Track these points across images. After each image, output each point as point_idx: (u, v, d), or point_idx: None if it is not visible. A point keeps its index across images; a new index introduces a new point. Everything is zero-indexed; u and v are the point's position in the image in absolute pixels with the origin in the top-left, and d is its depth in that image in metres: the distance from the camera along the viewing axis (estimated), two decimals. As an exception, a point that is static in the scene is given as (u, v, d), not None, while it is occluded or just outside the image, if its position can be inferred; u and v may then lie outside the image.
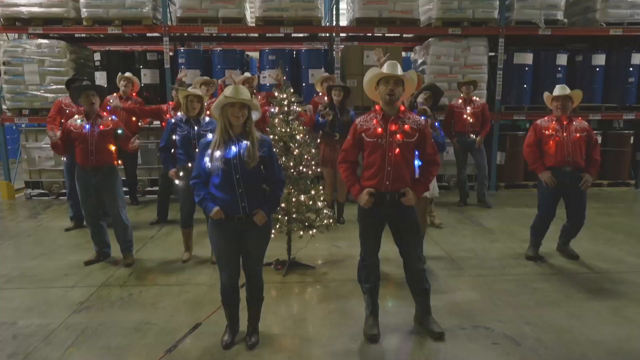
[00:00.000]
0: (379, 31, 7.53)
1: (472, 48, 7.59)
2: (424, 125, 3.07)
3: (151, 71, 7.65)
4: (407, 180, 3.02)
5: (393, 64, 2.95)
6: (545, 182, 4.39)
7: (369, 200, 3.00)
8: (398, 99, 3.01)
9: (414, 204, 3.04)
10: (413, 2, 7.44)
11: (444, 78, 7.63)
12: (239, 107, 2.76)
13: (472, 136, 6.58)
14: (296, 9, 7.30)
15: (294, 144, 4.09)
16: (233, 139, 2.82)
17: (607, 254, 4.80)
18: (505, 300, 3.69)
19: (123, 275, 4.28)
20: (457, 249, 4.97)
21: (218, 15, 7.34)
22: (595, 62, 7.95)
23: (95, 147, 4.19)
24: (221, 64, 7.63)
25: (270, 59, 7.60)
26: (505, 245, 5.09)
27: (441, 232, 5.59)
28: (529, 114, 7.90)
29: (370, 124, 3.05)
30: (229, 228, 2.87)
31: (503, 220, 6.11)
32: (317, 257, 4.68)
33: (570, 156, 4.30)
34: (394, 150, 2.97)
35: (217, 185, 2.84)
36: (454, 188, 7.64)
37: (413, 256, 3.09)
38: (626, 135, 8.19)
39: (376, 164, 3.00)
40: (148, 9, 7.27)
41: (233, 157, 2.80)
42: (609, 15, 7.67)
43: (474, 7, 7.43)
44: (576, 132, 4.34)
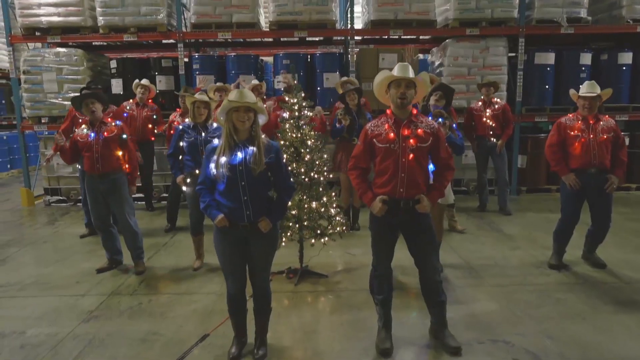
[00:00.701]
0: (394, 33, 7.39)
1: (491, 48, 7.38)
2: (437, 129, 2.95)
3: (166, 77, 7.68)
4: (421, 187, 2.90)
5: (404, 66, 2.84)
6: (569, 185, 4.18)
7: (383, 208, 2.88)
8: (410, 102, 2.89)
9: (429, 211, 2.91)
10: (429, 2, 7.28)
11: (462, 80, 7.44)
12: (244, 111, 2.68)
13: (493, 140, 6.37)
14: (310, 13, 7.23)
15: (305, 150, 4.00)
16: (239, 145, 2.75)
17: (636, 262, 4.55)
18: (526, 312, 3.51)
19: (134, 283, 4.25)
20: (475, 256, 4.79)
21: (232, 20, 7.32)
22: (622, 61, 7.64)
23: (101, 154, 4.18)
24: (235, 69, 7.60)
25: (285, 63, 7.52)
26: (527, 252, 4.88)
27: (460, 238, 5.41)
28: (551, 116, 7.63)
29: (382, 129, 2.93)
30: (233, 236, 2.79)
31: (525, 226, 5.88)
32: (331, 265, 4.57)
33: (596, 158, 4.09)
34: (407, 155, 2.85)
35: (222, 192, 2.77)
36: (474, 193, 7.43)
37: (429, 266, 2.96)
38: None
39: (389, 171, 2.88)
40: (163, 15, 7.30)
41: (239, 164, 2.72)
42: (636, 12, 7.36)
43: (492, 6, 7.22)
44: (603, 133, 4.12)
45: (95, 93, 4.40)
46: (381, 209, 2.88)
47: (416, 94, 2.92)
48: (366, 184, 3.02)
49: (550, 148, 4.30)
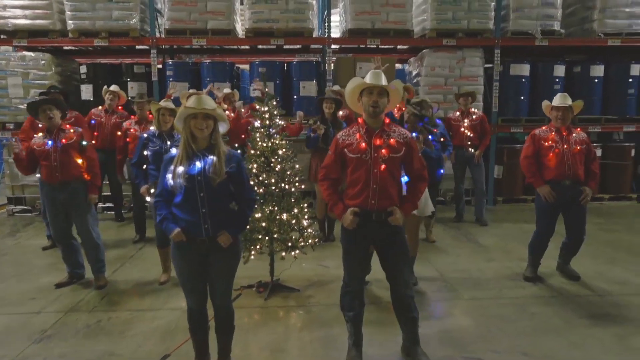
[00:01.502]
0: (372, 42, 7.36)
1: (468, 59, 7.41)
2: (410, 139, 2.85)
3: (138, 84, 7.46)
4: (394, 198, 2.80)
5: (376, 73, 2.75)
6: (544, 197, 4.15)
7: (354, 220, 2.77)
8: (382, 110, 2.80)
9: (401, 223, 2.81)
10: (406, 12, 7.27)
11: (439, 90, 7.44)
12: (202, 118, 2.54)
13: (471, 150, 6.34)
14: (287, 20, 7.14)
15: (275, 159, 3.87)
16: (197, 154, 2.60)
17: (610, 274, 4.54)
18: (501, 327, 3.42)
19: (94, 299, 4.02)
20: (451, 269, 4.71)
21: (207, 27, 7.18)
22: (594, 74, 7.75)
23: (59, 162, 3.96)
24: (210, 76, 7.44)
25: (261, 71, 7.40)
26: (502, 264, 4.82)
27: (435, 250, 5.33)
28: (527, 126, 7.68)
29: (353, 138, 2.83)
30: (192, 251, 2.63)
31: (500, 237, 5.85)
32: (303, 279, 4.42)
33: (570, 169, 4.07)
34: (379, 166, 2.75)
35: (179, 204, 2.61)
36: (451, 203, 7.40)
37: (400, 281, 2.84)
38: (627, 148, 7.95)
39: (361, 182, 2.77)
40: (135, 20, 7.12)
41: (197, 174, 2.57)
42: (607, 26, 7.50)
43: (468, 17, 7.26)
44: (576, 144, 4.12)
45: (53, 99, 4.20)
46: (352, 222, 2.77)
47: (389, 102, 2.83)
48: (337, 195, 2.91)
49: (525, 160, 4.27)
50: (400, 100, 2.95)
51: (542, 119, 7.62)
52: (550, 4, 7.39)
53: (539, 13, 7.36)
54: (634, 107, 7.86)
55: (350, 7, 7.25)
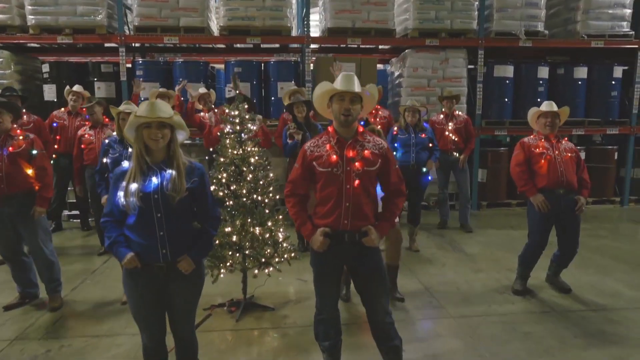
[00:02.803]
0: (352, 42, 7.08)
1: (451, 60, 7.20)
2: (386, 150, 2.56)
3: (106, 84, 7.03)
4: (369, 217, 2.50)
5: (348, 77, 2.44)
6: (537, 207, 3.92)
7: (324, 242, 2.47)
8: (356, 118, 2.49)
9: (377, 244, 2.52)
10: (388, 11, 7.02)
11: (422, 91, 7.21)
12: (157, 128, 2.21)
13: (455, 154, 6.10)
14: (264, 18, 6.81)
15: (247, 168, 3.54)
16: (153, 168, 2.26)
17: (601, 285, 4.34)
18: (492, 351, 3.17)
19: (46, 323, 3.63)
20: (437, 281, 4.45)
21: (179, 24, 6.80)
22: (577, 75, 7.64)
23: (5, 172, 3.55)
24: (183, 76, 6.99)
25: (237, 71, 7.05)
26: (490, 276, 4.59)
27: (419, 260, 5.07)
28: (511, 129, 7.53)
29: (323, 149, 2.52)
30: (147, 279, 2.29)
31: (486, 244, 5.63)
32: (279, 295, 4.11)
33: (563, 176, 3.86)
34: (352, 181, 2.45)
35: (132, 226, 2.27)
36: (434, 208, 7.17)
37: (378, 307, 2.55)
38: (610, 151, 7.87)
39: (332, 199, 2.47)
40: (102, 16, 6.69)
41: (153, 191, 2.24)
42: (590, 27, 7.39)
43: (451, 17, 7.04)
44: (566, 152, 3.92)
45: (3, 102, 3.78)
46: (322, 244, 2.47)
47: (362, 108, 2.54)
48: (305, 213, 2.61)
49: (518, 167, 4.01)
50: (374, 105, 2.65)
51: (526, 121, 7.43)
52: (534, 4, 7.24)
53: (523, 13, 7.21)
54: (617, 110, 7.77)
55: (330, 5, 6.96)
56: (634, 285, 4.33)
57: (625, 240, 5.94)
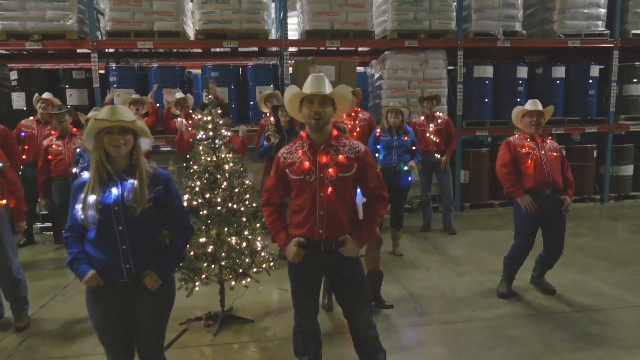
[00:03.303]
0: (331, 44, 6.99)
1: (431, 61, 7.16)
2: (364, 153, 2.45)
3: (78, 91, 6.81)
4: (345, 226, 2.40)
5: (317, 78, 2.34)
6: (525, 208, 3.85)
7: (298, 252, 2.36)
8: (328, 122, 2.39)
9: (356, 254, 2.41)
10: (366, 13, 6.96)
11: (402, 93, 7.15)
12: (118, 133, 2.07)
13: (437, 156, 6.05)
14: (240, 22, 6.68)
15: (222, 176, 3.40)
16: (114, 178, 2.12)
17: (584, 284, 4.31)
18: (477, 357, 3.09)
19: (11, 344, 3.42)
20: (420, 286, 4.37)
21: (153, 28, 6.63)
22: (555, 75, 7.67)
23: None
24: (159, 82, 6.84)
25: (214, 75, 6.91)
26: (474, 279, 4.52)
27: (403, 264, 4.99)
28: (492, 129, 7.53)
29: (295, 156, 2.42)
30: (110, 297, 2.15)
31: (470, 246, 5.57)
32: (259, 305, 3.97)
33: (550, 176, 3.81)
34: (325, 189, 2.34)
35: (93, 240, 2.13)
36: (417, 210, 7.10)
37: (360, 320, 2.44)
38: (589, 149, 7.92)
39: (305, 207, 2.37)
40: (72, 21, 6.48)
41: (114, 203, 2.09)
42: (566, 27, 7.43)
43: (430, 18, 7.01)
44: (552, 151, 3.88)
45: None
46: (297, 254, 2.36)
47: (336, 110, 2.43)
48: (281, 223, 2.50)
49: (504, 168, 3.93)
50: (349, 106, 2.55)
51: (506, 121, 7.48)
52: (511, 4, 7.26)
53: (501, 14, 7.21)
54: (595, 108, 7.83)
55: (308, 8, 6.87)
56: (616, 283, 4.31)
57: (606, 238, 5.95)
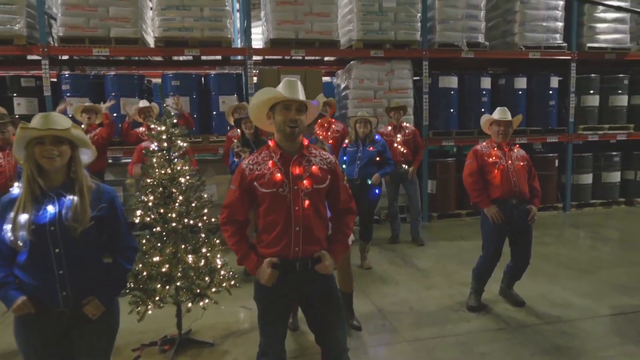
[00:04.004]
0: (296, 53, 6.87)
1: (396, 71, 7.15)
2: (334, 164, 2.31)
3: (27, 100, 6.42)
4: (321, 240, 2.24)
5: (292, 83, 2.17)
6: (491, 218, 3.80)
7: (273, 274, 2.16)
8: (302, 130, 2.24)
9: (332, 271, 2.25)
10: (332, 22, 6.89)
11: (368, 103, 7.09)
12: (51, 143, 1.85)
13: (404, 166, 5.98)
14: (202, 29, 6.47)
15: (177, 189, 3.18)
16: (49, 195, 1.89)
17: (552, 295, 4.29)
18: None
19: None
20: (389, 301, 4.24)
21: (110, 35, 6.33)
22: (517, 85, 7.83)
23: None
24: (116, 90, 6.55)
25: (174, 84, 6.66)
26: (444, 292, 4.43)
27: (371, 278, 4.85)
28: (457, 139, 7.58)
29: (264, 167, 2.22)
30: (44, 328, 1.90)
31: (438, 257, 5.51)
32: (220, 327, 3.73)
33: (517, 186, 3.78)
34: (301, 202, 2.17)
35: (24, 264, 1.89)
36: (385, 221, 7.02)
37: (334, 345, 2.27)
38: (551, 159, 8.08)
39: (279, 224, 2.17)
40: (20, 26, 6.11)
41: (49, 223, 1.86)
42: (527, 39, 7.60)
43: (395, 28, 7.01)
44: (518, 160, 3.85)
45: None
46: (271, 277, 2.16)
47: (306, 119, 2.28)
48: (246, 243, 2.29)
49: (470, 177, 3.87)
50: (316, 115, 2.41)
51: (471, 131, 7.57)
52: (474, 16, 7.36)
53: (464, 25, 7.30)
54: (555, 119, 8.02)
55: (272, 16, 6.74)
56: (582, 293, 4.32)
57: (570, 246, 6.03)
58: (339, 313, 2.29)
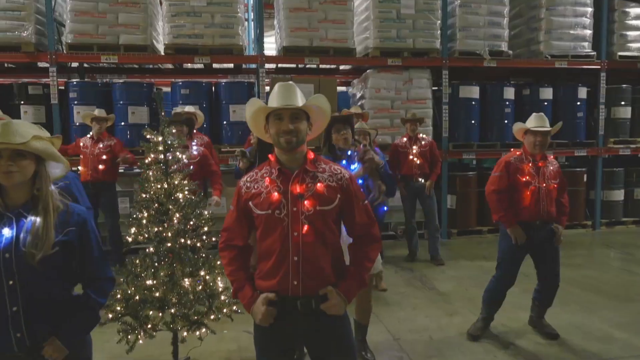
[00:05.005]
0: (310, 61, 6.62)
1: (415, 80, 6.83)
2: (348, 180, 1.94)
3: (34, 108, 6.27)
4: (328, 274, 1.88)
5: (285, 87, 1.87)
6: (514, 239, 3.44)
7: (267, 313, 1.83)
8: (303, 141, 1.90)
9: (342, 312, 1.89)
10: (347, 29, 6.62)
11: (385, 113, 6.79)
12: (10, 157, 1.59)
13: (421, 180, 5.63)
14: (213, 36, 6.27)
15: (174, 206, 2.89)
16: (7, 215, 1.62)
17: (588, 326, 3.88)
18: None
19: None
20: (406, 328, 3.87)
21: (119, 42, 6.17)
22: (543, 96, 7.43)
23: None
24: (124, 99, 6.37)
25: (184, 93, 6.46)
26: (467, 319, 4.03)
27: (386, 300, 4.49)
28: (479, 152, 7.19)
29: (261, 185, 1.91)
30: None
31: (460, 280, 5.12)
32: (220, 355, 3.43)
33: (545, 209, 3.43)
34: (300, 227, 1.83)
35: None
36: (402, 237, 6.65)
37: None
38: (579, 173, 7.63)
39: (275, 252, 1.85)
40: (29, 32, 5.98)
41: (4, 249, 1.58)
42: (553, 47, 7.22)
43: (414, 36, 6.71)
44: (551, 179, 3.47)
45: None
46: (265, 316, 1.83)
47: (312, 127, 1.96)
48: (243, 273, 1.97)
49: (496, 194, 3.50)
50: (327, 121, 2.03)
51: (494, 144, 7.19)
52: (496, 24, 7.03)
53: (486, 33, 6.96)
54: (584, 131, 7.59)
55: (285, 23, 6.51)
56: (624, 325, 3.89)
57: (601, 269, 5.57)
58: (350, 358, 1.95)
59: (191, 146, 4.66)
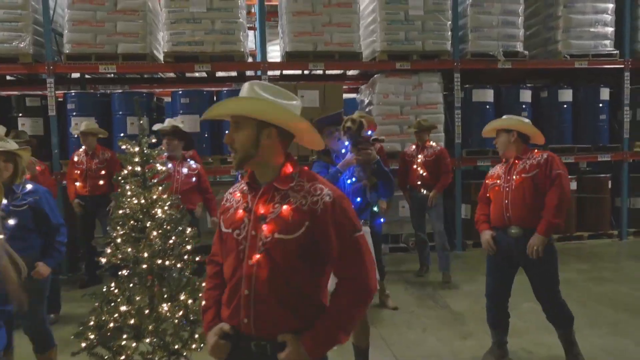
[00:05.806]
0: (315, 67, 6.37)
1: (425, 84, 6.51)
2: (328, 204, 1.49)
3: (32, 120, 6.13)
4: (287, 318, 1.51)
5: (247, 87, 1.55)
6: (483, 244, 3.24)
7: (217, 346, 1.55)
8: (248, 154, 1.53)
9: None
10: (353, 33, 6.35)
11: (394, 119, 6.47)
12: None
13: (424, 191, 5.26)
14: (214, 43, 6.06)
15: (152, 223, 2.62)
16: None
17: (622, 353, 3.46)
18: None
19: None
20: (415, 353, 3.52)
21: (117, 51, 6.00)
22: (562, 99, 7.01)
23: None
24: (123, 109, 6.19)
25: (184, 102, 6.25)
26: (482, 342, 3.65)
27: (394, 321, 4.14)
28: (494, 159, 6.78)
29: (234, 199, 1.64)
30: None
31: (475, 297, 4.71)
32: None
33: (508, 211, 3.06)
34: (254, 255, 1.51)
35: None
36: (414, 250, 6.28)
37: None
38: (603, 179, 7.17)
39: (229, 279, 1.58)
40: (26, 44, 5.85)
41: None
42: (572, 47, 6.81)
43: (423, 38, 6.39)
44: (519, 174, 3.05)
45: None
46: (215, 348, 1.55)
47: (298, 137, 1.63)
48: (218, 292, 1.67)
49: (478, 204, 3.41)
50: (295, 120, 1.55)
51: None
52: (511, 23, 6.67)
53: (500, 33, 6.60)
54: (607, 135, 7.14)
55: (289, 28, 6.27)
56: (660, 350, 3.47)
57: (632, 284, 5.09)
58: None
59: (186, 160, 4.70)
